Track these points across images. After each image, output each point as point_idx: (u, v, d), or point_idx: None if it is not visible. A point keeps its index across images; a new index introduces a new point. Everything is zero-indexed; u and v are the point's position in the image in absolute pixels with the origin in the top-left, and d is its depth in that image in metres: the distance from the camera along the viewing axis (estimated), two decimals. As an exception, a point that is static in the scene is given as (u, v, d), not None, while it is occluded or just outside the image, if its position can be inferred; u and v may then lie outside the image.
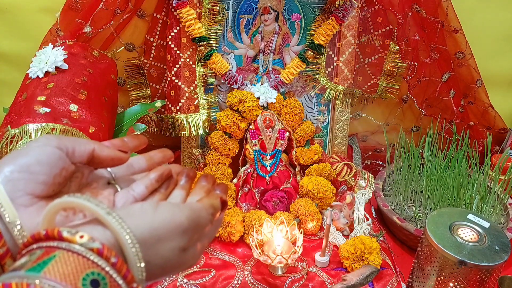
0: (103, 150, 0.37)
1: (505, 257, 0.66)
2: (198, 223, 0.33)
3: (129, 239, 0.29)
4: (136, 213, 0.31)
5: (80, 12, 0.93)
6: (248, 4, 0.99)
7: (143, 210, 0.31)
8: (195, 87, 1.02)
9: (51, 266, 0.26)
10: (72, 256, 0.26)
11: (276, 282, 0.77)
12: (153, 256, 0.31)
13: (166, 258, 0.31)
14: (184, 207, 0.34)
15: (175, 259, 0.32)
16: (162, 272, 0.32)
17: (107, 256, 0.27)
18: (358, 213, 0.91)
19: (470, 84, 1.12)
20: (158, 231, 0.31)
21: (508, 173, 0.93)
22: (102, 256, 0.27)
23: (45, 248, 0.27)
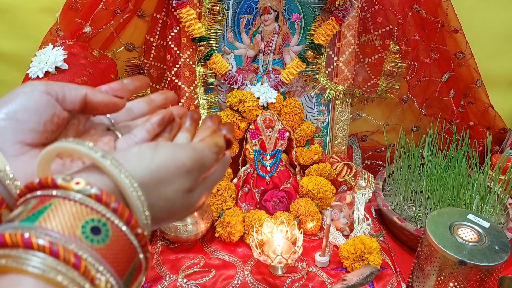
0: (96, 95, 0.34)
1: (505, 257, 0.66)
2: (202, 163, 0.31)
3: (128, 183, 0.27)
4: (134, 155, 0.29)
5: (80, 12, 0.93)
6: (248, 4, 0.99)
7: (141, 152, 0.29)
8: (195, 87, 1.02)
9: (47, 215, 0.24)
10: (68, 204, 0.25)
11: (276, 282, 0.77)
12: (156, 199, 0.29)
13: (171, 200, 0.30)
14: (186, 147, 0.31)
15: (181, 201, 0.30)
16: (168, 216, 0.30)
17: (106, 201, 0.25)
18: (358, 213, 0.91)
19: (470, 84, 1.12)
20: (160, 173, 0.29)
21: (508, 173, 0.93)
22: (101, 201, 0.25)
23: (40, 197, 0.25)
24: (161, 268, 0.79)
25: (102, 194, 0.25)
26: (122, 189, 0.27)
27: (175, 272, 0.78)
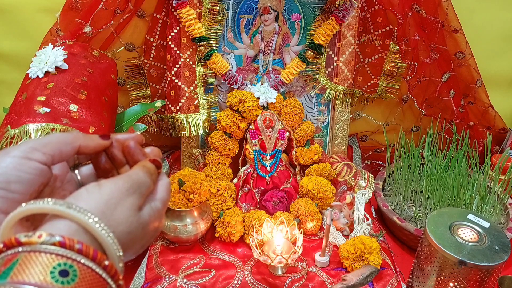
0: (89, 145, 0.38)
1: (505, 257, 0.66)
2: (138, 182, 0.35)
3: (88, 218, 0.29)
4: (84, 194, 0.32)
5: (80, 12, 0.93)
6: (248, 4, 0.99)
7: (89, 190, 0.32)
8: (195, 87, 1.02)
9: (16, 270, 0.26)
10: (34, 255, 0.27)
11: (276, 282, 0.77)
12: (116, 224, 0.31)
13: (128, 221, 0.33)
14: (122, 176, 0.35)
15: (135, 221, 0.33)
16: (130, 240, 0.33)
17: (70, 245, 0.27)
18: (358, 213, 0.91)
19: (470, 84, 1.12)
20: (110, 200, 0.32)
21: (508, 173, 0.93)
22: (66, 246, 0.27)
23: (6, 257, 0.27)
24: (161, 269, 0.79)
25: (65, 240, 0.27)
26: (85, 227, 0.30)
27: (174, 273, 0.78)
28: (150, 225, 0.35)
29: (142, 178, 0.36)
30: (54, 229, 0.29)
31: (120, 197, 0.33)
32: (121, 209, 0.32)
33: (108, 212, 0.31)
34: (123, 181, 0.34)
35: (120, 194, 0.33)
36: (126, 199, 0.33)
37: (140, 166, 0.37)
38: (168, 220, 0.82)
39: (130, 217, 0.33)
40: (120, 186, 0.33)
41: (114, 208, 0.32)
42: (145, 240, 0.35)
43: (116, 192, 0.33)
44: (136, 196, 0.34)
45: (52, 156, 0.35)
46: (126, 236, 0.32)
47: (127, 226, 0.32)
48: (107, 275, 0.29)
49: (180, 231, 0.81)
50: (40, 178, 0.34)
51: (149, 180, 0.37)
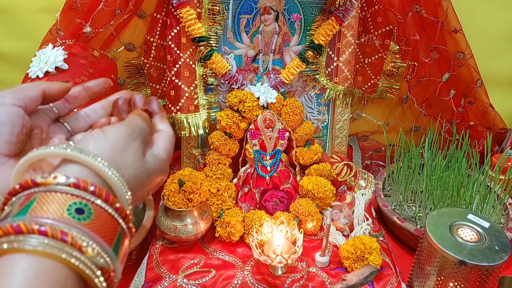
0: (51, 87, 0.39)
1: (505, 257, 0.66)
2: (139, 127, 0.36)
3: (98, 163, 0.30)
4: (91, 140, 0.33)
5: (80, 12, 0.93)
6: (248, 4, 0.99)
7: (95, 136, 0.33)
8: (195, 87, 1.02)
9: (34, 207, 0.27)
10: (51, 195, 0.28)
11: (276, 282, 0.77)
12: (124, 168, 0.33)
13: (134, 165, 0.34)
14: (122, 122, 0.37)
15: (140, 166, 0.34)
16: (137, 184, 0.34)
17: (84, 187, 0.29)
18: (358, 213, 0.91)
19: (470, 84, 1.12)
20: (116, 145, 0.33)
21: (508, 173, 0.93)
22: (80, 188, 0.29)
23: (24, 196, 0.29)
24: (161, 269, 0.79)
25: (79, 182, 0.29)
26: (96, 170, 0.31)
27: (175, 272, 0.78)
28: (155, 173, 0.36)
29: (141, 124, 0.37)
30: (67, 172, 0.30)
31: (125, 142, 0.34)
32: (128, 154, 0.33)
33: (116, 156, 0.32)
34: (125, 126, 0.35)
35: (125, 139, 0.34)
36: (131, 144, 0.34)
37: (136, 113, 0.38)
38: (168, 220, 0.82)
39: (136, 161, 0.34)
40: (124, 131, 0.34)
41: (121, 153, 0.33)
42: (150, 187, 0.37)
43: (121, 137, 0.34)
44: (139, 141, 0.35)
45: (23, 99, 0.36)
46: (133, 180, 0.33)
47: (133, 170, 0.34)
48: (118, 216, 0.30)
49: (180, 231, 0.81)
50: (19, 119, 0.36)
51: (146, 125, 0.37)
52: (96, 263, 0.27)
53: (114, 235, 0.30)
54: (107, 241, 0.29)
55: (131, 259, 0.87)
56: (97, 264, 0.27)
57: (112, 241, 0.29)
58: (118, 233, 0.30)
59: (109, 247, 0.29)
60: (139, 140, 0.35)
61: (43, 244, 0.26)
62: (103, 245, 0.28)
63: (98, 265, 0.27)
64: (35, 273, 0.25)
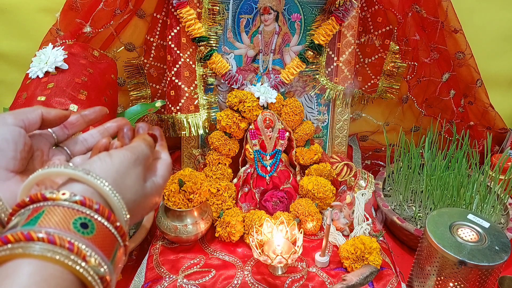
0: (50, 112, 0.42)
1: (505, 257, 0.66)
2: (142, 153, 0.39)
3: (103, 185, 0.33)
4: (98, 163, 0.35)
5: (80, 12, 0.93)
6: (248, 4, 0.99)
7: (101, 159, 0.36)
8: (195, 87, 1.02)
9: (43, 219, 0.30)
10: (58, 209, 0.30)
11: (276, 282, 0.77)
12: (125, 191, 0.35)
13: (134, 189, 0.36)
14: (127, 147, 0.39)
15: (141, 190, 0.37)
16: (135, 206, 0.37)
17: (89, 204, 0.31)
18: (358, 213, 0.91)
19: (470, 84, 1.12)
20: (120, 169, 0.36)
21: (508, 173, 0.93)
22: (85, 205, 0.31)
23: (33, 208, 0.31)
24: (161, 269, 0.79)
25: (85, 200, 0.31)
26: (100, 192, 0.33)
27: (175, 272, 0.78)
28: (151, 197, 0.39)
29: (144, 150, 0.39)
30: (74, 190, 0.32)
31: (129, 167, 0.36)
32: (130, 178, 0.36)
33: (119, 179, 0.35)
34: (130, 152, 0.38)
35: (128, 164, 0.36)
36: (134, 169, 0.37)
37: (141, 139, 0.41)
38: (168, 220, 0.82)
39: (136, 185, 0.37)
40: (129, 157, 0.37)
41: (124, 177, 0.35)
42: (145, 210, 0.39)
43: (125, 161, 0.36)
44: (141, 168, 0.38)
45: (23, 121, 0.39)
46: (131, 203, 0.36)
47: (133, 193, 0.36)
48: (117, 233, 0.33)
49: (180, 231, 0.81)
50: (21, 138, 0.38)
51: (150, 153, 0.40)
52: (97, 272, 0.30)
53: (112, 250, 0.32)
54: (107, 255, 0.31)
55: (131, 259, 0.87)
56: (98, 273, 0.30)
57: (110, 255, 0.32)
58: (115, 248, 0.33)
59: (108, 259, 0.31)
60: (141, 166, 0.38)
61: (51, 251, 0.28)
62: (103, 257, 0.31)
63: (99, 274, 0.30)
64: (43, 277, 0.27)
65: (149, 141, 0.41)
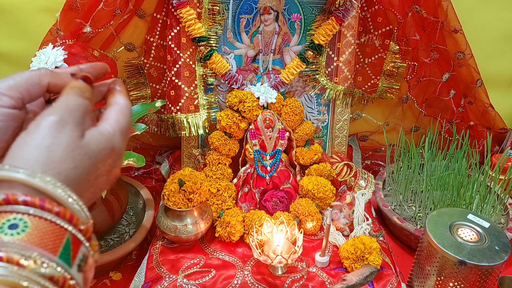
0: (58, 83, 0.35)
1: (505, 257, 0.66)
2: (68, 108, 0.31)
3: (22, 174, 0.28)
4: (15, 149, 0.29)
5: (80, 12, 0.93)
6: (248, 4, 0.99)
7: (18, 142, 0.30)
8: (195, 87, 1.02)
9: None
10: None
11: (276, 282, 0.77)
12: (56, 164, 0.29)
13: (68, 157, 0.29)
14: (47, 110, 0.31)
15: (79, 152, 0.30)
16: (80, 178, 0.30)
17: (14, 199, 0.27)
18: (358, 213, 0.91)
19: (470, 84, 1.12)
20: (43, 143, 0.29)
21: (508, 173, 0.93)
22: (10, 202, 0.27)
23: None
24: (161, 268, 0.79)
25: (8, 196, 0.27)
26: (24, 182, 0.28)
27: (175, 272, 0.78)
28: (101, 154, 0.31)
29: (72, 103, 0.32)
30: None
31: (53, 135, 0.29)
32: (58, 147, 0.29)
33: (42, 157, 0.29)
34: (51, 115, 0.30)
35: (51, 132, 0.29)
36: (59, 134, 0.30)
37: (67, 89, 0.33)
38: (168, 220, 0.82)
39: (70, 151, 0.30)
40: (49, 123, 0.30)
41: (48, 150, 0.29)
42: (101, 172, 0.32)
43: (46, 131, 0.29)
44: (71, 126, 0.30)
45: (21, 99, 0.33)
46: (72, 173, 0.29)
47: (70, 162, 0.29)
48: (62, 220, 0.28)
49: (180, 231, 0.81)
50: (12, 123, 0.33)
51: (82, 100, 0.32)
52: (43, 274, 0.25)
53: (59, 243, 0.27)
54: (50, 250, 0.27)
55: (131, 259, 0.87)
56: (43, 274, 0.25)
57: (57, 249, 0.27)
58: (65, 239, 0.28)
59: (53, 255, 0.27)
60: (71, 124, 0.30)
61: None
62: (44, 254, 0.26)
63: (45, 276, 0.26)
64: None
65: (79, 87, 0.33)
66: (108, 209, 0.82)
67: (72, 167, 0.29)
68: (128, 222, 0.94)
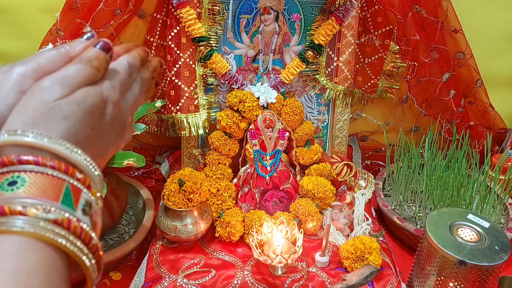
0: None
1: (505, 257, 0.66)
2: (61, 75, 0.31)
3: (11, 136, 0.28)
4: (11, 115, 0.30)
5: (80, 12, 0.93)
6: (248, 4, 0.99)
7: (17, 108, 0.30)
8: (195, 87, 1.02)
9: None
10: None
11: (276, 282, 0.77)
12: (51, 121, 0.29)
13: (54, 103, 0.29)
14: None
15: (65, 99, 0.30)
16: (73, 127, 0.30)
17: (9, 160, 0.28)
18: (358, 213, 0.91)
19: (470, 84, 1.12)
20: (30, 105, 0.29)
21: (508, 173, 0.93)
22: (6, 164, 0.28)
23: None
24: (161, 268, 0.79)
25: (3, 160, 0.28)
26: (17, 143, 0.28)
27: (175, 272, 0.78)
28: (91, 98, 0.31)
29: (70, 71, 0.31)
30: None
31: (40, 97, 0.30)
32: (43, 107, 0.29)
33: (28, 118, 0.29)
34: (43, 81, 0.31)
35: (37, 95, 0.30)
36: (45, 96, 0.30)
37: (76, 59, 0.33)
38: (168, 220, 0.82)
39: (56, 105, 0.29)
40: (35, 87, 0.30)
41: (34, 110, 0.29)
42: (95, 125, 0.31)
43: (33, 95, 0.30)
44: (58, 87, 0.30)
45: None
46: (63, 123, 0.29)
47: (58, 115, 0.29)
48: (58, 172, 0.28)
49: (180, 231, 0.81)
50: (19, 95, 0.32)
51: (85, 68, 0.32)
52: (46, 218, 0.26)
53: (58, 192, 0.28)
54: (51, 198, 0.27)
55: (131, 259, 0.87)
56: (46, 218, 0.26)
57: (58, 196, 0.28)
58: (64, 187, 0.28)
59: (55, 202, 0.27)
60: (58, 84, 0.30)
61: None
62: (47, 201, 0.27)
63: (49, 219, 0.26)
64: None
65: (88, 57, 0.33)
66: (108, 209, 0.82)
67: (61, 118, 0.29)
68: (128, 222, 0.94)
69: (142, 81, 0.38)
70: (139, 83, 0.37)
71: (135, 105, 0.37)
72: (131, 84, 0.36)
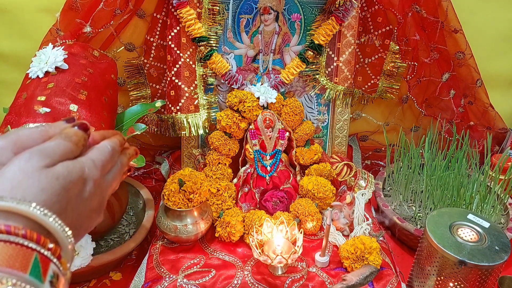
0: None
1: (505, 257, 0.66)
2: (42, 148, 0.32)
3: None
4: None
5: (80, 12, 0.93)
6: (248, 4, 0.99)
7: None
8: (195, 87, 1.02)
9: None
10: None
11: (276, 282, 0.77)
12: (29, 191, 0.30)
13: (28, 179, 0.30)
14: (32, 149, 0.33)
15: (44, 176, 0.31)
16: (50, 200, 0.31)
17: None
18: (358, 213, 0.91)
19: (470, 84, 1.12)
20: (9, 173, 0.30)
21: (508, 173, 0.93)
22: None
23: None
24: (161, 268, 0.79)
25: None
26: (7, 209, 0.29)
27: (175, 272, 0.78)
28: (70, 173, 0.32)
29: (51, 144, 0.33)
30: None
31: (19, 167, 0.30)
32: (21, 175, 0.30)
33: (7, 186, 0.29)
34: (24, 153, 0.32)
35: (17, 166, 0.31)
36: (24, 165, 0.31)
37: (56, 135, 0.35)
38: (168, 220, 0.82)
39: (35, 177, 0.30)
40: (16, 159, 0.31)
41: (12, 179, 0.30)
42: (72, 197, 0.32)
43: (13, 166, 0.31)
44: (37, 158, 0.31)
45: None
46: (40, 195, 0.30)
47: (35, 186, 0.30)
48: (29, 242, 0.28)
49: (180, 231, 0.81)
50: None
51: (64, 142, 0.33)
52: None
53: (27, 262, 0.28)
54: (19, 269, 0.27)
55: (131, 259, 0.87)
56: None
57: (27, 267, 0.28)
58: (32, 259, 0.28)
59: (23, 273, 0.27)
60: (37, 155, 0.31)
61: None
62: (13, 272, 0.27)
63: None
64: None
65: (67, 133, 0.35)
66: (108, 209, 0.82)
67: (39, 190, 0.30)
68: (128, 222, 0.94)
69: (121, 165, 0.40)
70: (118, 167, 0.39)
71: (111, 186, 0.39)
72: (112, 166, 0.38)
